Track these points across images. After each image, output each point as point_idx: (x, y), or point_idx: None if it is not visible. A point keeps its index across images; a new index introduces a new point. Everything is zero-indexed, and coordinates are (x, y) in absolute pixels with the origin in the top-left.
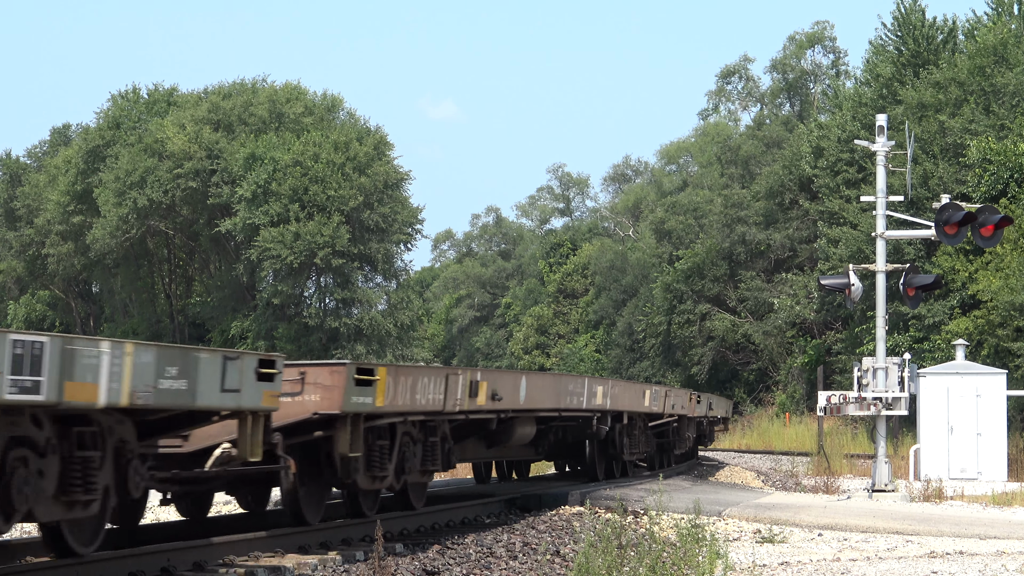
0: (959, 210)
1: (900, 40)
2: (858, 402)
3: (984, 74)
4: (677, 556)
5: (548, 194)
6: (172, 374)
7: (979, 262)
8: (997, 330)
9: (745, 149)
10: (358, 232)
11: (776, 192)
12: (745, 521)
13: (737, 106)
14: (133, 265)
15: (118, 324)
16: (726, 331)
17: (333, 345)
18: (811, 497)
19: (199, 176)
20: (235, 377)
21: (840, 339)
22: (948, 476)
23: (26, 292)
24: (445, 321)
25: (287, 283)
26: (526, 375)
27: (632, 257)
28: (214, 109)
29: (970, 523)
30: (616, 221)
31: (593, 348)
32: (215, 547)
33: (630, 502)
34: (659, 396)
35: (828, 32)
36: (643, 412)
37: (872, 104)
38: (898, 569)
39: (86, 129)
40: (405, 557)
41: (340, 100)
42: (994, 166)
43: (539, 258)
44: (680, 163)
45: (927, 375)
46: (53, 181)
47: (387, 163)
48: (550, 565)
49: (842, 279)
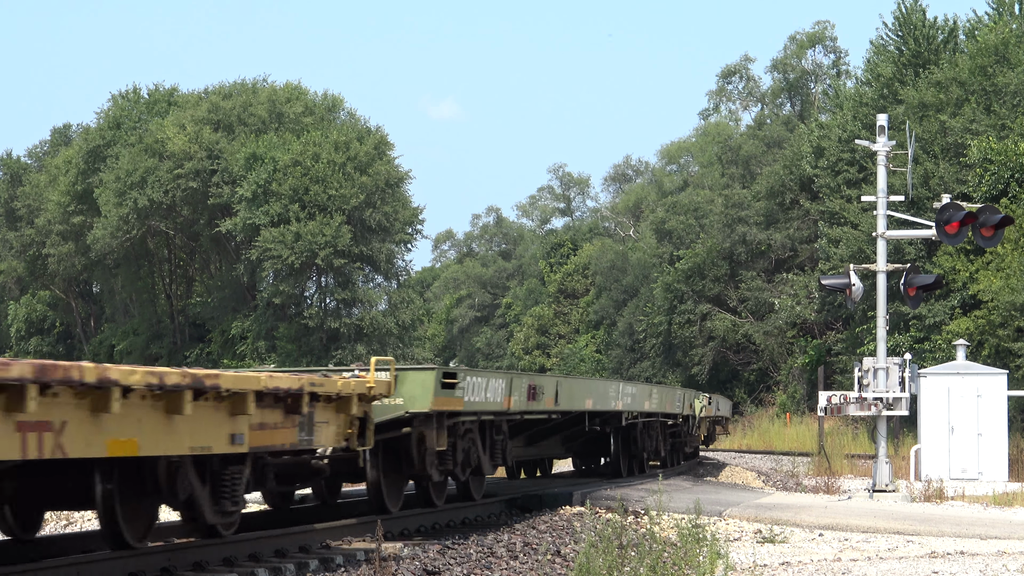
0: (960, 210)
1: (901, 40)
2: (859, 402)
3: (985, 74)
4: (678, 556)
5: (549, 194)
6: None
7: (980, 262)
8: (998, 330)
9: (746, 149)
10: (359, 232)
11: (777, 192)
12: (746, 521)
13: (738, 106)
14: (134, 265)
15: (118, 324)
16: (727, 331)
17: (334, 345)
18: (812, 497)
19: (199, 176)
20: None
21: (841, 339)
22: (949, 476)
23: (27, 292)
24: (446, 321)
25: (288, 283)
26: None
27: (633, 257)
28: (214, 109)
29: (971, 523)
30: (617, 221)
31: (594, 348)
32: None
33: (631, 502)
34: (677, 398)
35: (829, 32)
36: (661, 413)
37: (873, 104)
38: (899, 569)
39: (87, 129)
40: (405, 557)
41: (340, 100)
42: (995, 166)
43: (540, 258)
44: (681, 163)
45: (928, 375)
46: (54, 181)
47: (388, 163)
48: (551, 565)
49: (843, 279)
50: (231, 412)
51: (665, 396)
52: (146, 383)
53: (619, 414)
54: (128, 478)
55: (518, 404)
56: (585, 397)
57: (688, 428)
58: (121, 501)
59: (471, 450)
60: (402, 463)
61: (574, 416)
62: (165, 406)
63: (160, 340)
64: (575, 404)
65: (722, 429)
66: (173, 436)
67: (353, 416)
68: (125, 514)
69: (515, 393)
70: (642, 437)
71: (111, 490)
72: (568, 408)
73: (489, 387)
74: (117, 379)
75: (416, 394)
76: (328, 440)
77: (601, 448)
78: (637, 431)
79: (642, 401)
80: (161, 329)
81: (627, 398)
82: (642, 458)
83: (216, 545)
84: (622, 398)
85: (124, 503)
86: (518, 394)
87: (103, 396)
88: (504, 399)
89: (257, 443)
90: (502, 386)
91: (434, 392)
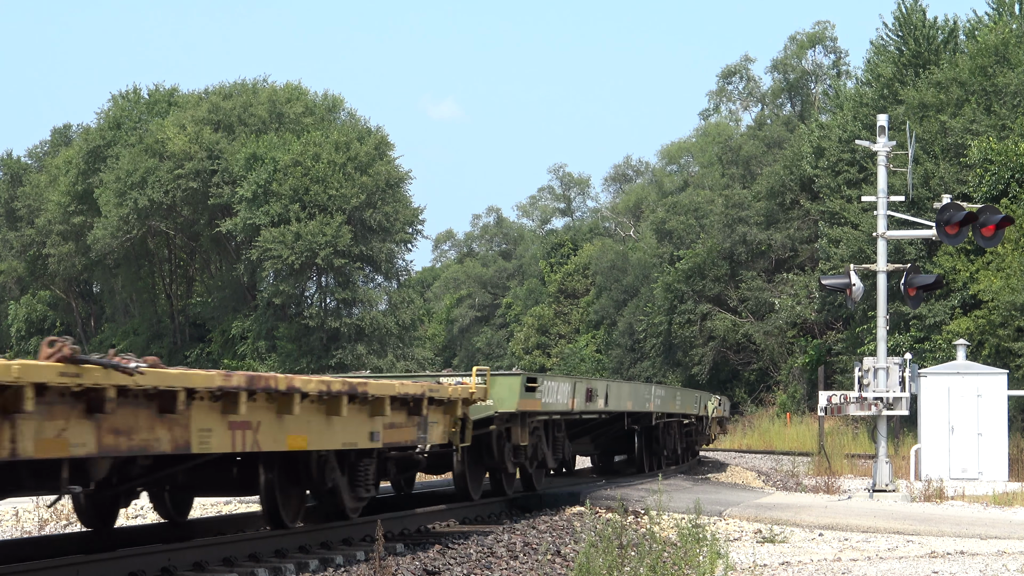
0: (960, 210)
1: (901, 40)
2: (859, 402)
3: (985, 74)
4: (678, 556)
5: (549, 194)
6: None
7: (980, 262)
8: (998, 330)
9: (746, 149)
10: (359, 232)
11: (777, 192)
12: (746, 521)
13: (738, 106)
14: (134, 265)
15: (119, 324)
16: (727, 331)
17: (334, 345)
18: (812, 497)
19: (200, 176)
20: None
21: (841, 339)
22: (949, 476)
23: (27, 292)
24: (446, 321)
25: (288, 283)
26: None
27: (633, 257)
28: (215, 109)
29: (971, 523)
30: (617, 221)
31: (594, 348)
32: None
33: (631, 502)
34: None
35: (829, 32)
36: (680, 413)
37: (873, 104)
38: (899, 569)
39: (87, 129)
40: (405, 556)
41: (341, 100)
42: (995, 166)
43: (540, 258)
44: (681, 163)
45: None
46: (54, 181)
47: (388, 163)
48: (551, 565)
49: (843, 279)
50: (371, 414)
51: (687, 398)
52: (318, 391)
53: (650, 415)
54: (285, 469)
55: (579, 405)
56: (627, 399)
57: (701, 428)
58: (280, 489)
59: (539, 445)
60: (483, 456)
61: (614, 416)
62: (327, 409)
63: (160, 340)
64: (620, 405)
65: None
66: (331, 434)
67: (456, 417)
68: (284, 500)
69: (577, 395)
70: (663, 436)
71: (272, 479)
72: (615, 409)
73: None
74: (299, 387)
75: (504, 396)
76: (437, 437)
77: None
78: (659, 430)
79: (669, 403)
80: (161, 329)
81: (657, 400)
82: (661, 455)
83: (215, 545)
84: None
85: (283, 490)
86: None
87: (287, 401)
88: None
89: (388, 440)
90: (568, 389)
91: (519, 395)
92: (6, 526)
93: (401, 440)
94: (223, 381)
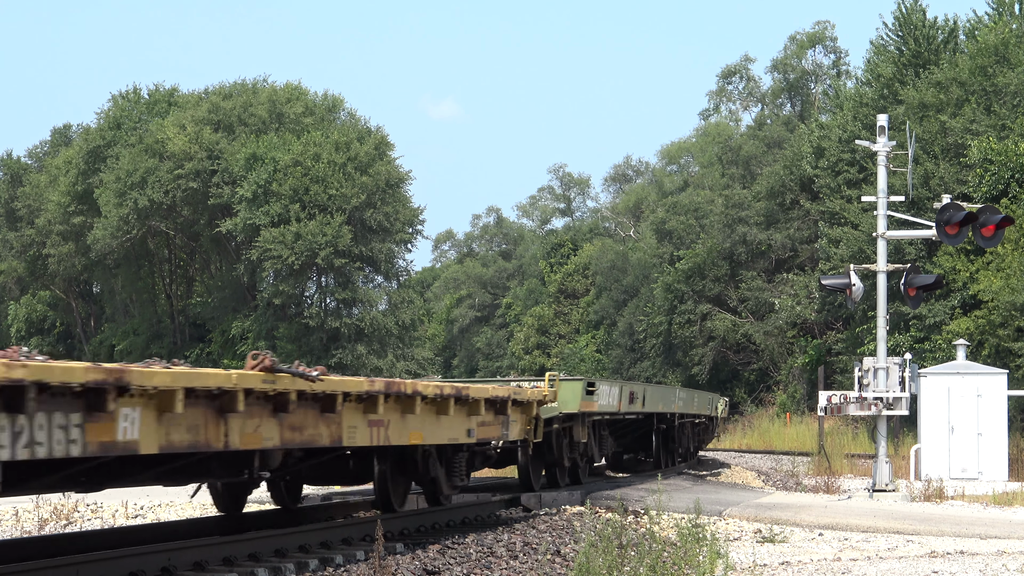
0: (960, 210)
1: (901, 40)
2: (859, 402)
3: (985, 74)
4: (677, 556)
5: (549, 194)
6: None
7: (980, 262)
8: (998, 330)
9: (746, 149)
10: (359, 232)
11: (777, 192)
12: (746, 521)
13: (738, 106)
14: (134, 265)
15: (119, 324)
16: (727, 331)
17: (334, 345)
18: (812, 497)
19: (200, 176)
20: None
21: (841, 339)
22: (949, 476)
23: (27, 292)
24: (446, 321)
25: (288, 283)
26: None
27: (633, 257)
28: (214, 109)
29: (971, 523)
30: (617, 221)
31: (594, 348)
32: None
33: (630, 502)
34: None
35: (829, 32)
36: (695, 413)
37: (873, 104)
38: (899, 569)
39: (87, 129)
40: (405, 556)
41: (341, 100)
42: (995, 166)
43: (540, 258)
44: (681, 163)
45: (928, 375)
46: (54, 181)
47: (388, 163)
48: (551, 565)
49: (843, 279)
50: (468, 413)
51: (702, 400)
52: (433, 394)
53: (673, 415)
54: (395, 462)
55: (624, 407)
56: (658, 401)
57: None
58: (391, 478)
59: (589, 443)
60: (544, 452)
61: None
62: (437, 409)
63: (160, 340)
64: (653, 407)
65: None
66: (439, 430)
67: (531, 416)
68: (394, 488)
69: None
70: (679, 435)
71: (384, 470)
72: (650, 410)
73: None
74: (420, 391)
75: (568, 398)
76: (516, 434)
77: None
78: (675, 430)
79: (689, 404)
80: (161, 329)
81: (680, 402)
82: (676, 453)
83: (216, 545)
84: (677, 401)
85: (393, 480)
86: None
87: (411, 402)
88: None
89: (480, 436)
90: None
91: (581, 397)
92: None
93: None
94: (368, 386)
